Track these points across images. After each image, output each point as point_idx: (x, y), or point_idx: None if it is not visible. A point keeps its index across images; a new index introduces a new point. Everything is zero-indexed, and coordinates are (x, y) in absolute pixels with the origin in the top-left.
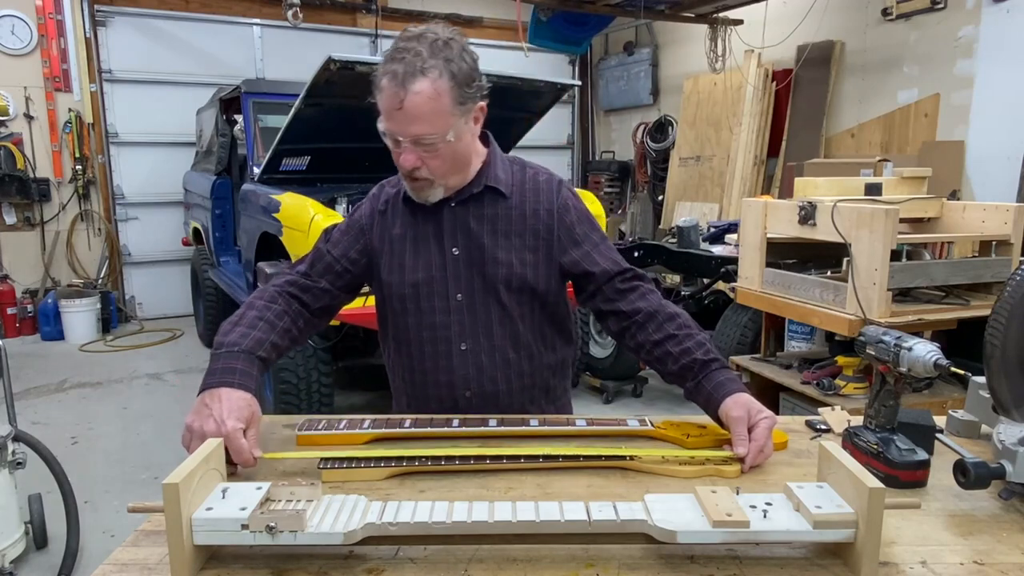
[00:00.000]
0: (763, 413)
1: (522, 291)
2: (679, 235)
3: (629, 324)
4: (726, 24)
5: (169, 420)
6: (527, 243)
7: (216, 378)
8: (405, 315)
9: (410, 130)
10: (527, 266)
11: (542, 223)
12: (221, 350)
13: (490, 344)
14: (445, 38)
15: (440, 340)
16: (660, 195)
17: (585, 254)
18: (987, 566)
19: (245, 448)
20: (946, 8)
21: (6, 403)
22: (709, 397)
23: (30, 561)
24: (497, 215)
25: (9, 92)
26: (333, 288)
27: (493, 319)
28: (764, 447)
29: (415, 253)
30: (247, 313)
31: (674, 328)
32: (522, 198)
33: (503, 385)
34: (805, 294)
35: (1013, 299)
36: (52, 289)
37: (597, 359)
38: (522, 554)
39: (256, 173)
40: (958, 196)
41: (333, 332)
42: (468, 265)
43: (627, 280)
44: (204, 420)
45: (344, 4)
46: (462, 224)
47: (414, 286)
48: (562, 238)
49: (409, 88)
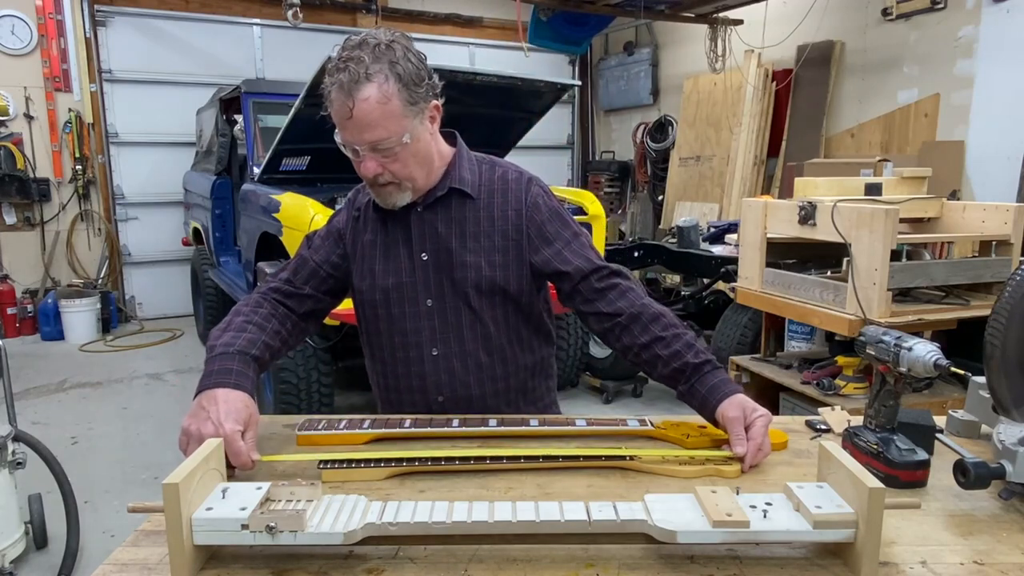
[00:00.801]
0: (758, 411)
1: (493, 294)
2: (679, 235)
3: (612, 325)
4: (726, 24)
5: (169, 420)
6: (496, 244)
7: (212, 379)
8: (377, 321)
9: (364, 137)
10: (496, 268)
11: (511, 223)
12: (215, 352)
13: (461, 349)
14: (386, 41)
15: (411, 345)
16: (660, 195)
17: (556, 252)
18: (987, 566)
19: (243, 451)
20: (946, 8)
21: (6, 403)
22: (704, 400)
23: (30, 561)
24: (465, 217)
25: (9, 92)
26: (317, 293)
27: (464, 323)
28: (762, 445)
29: (385, 259)
30: (234, 320)
31: (660, 329)
32: (490, 199)
33: (476, 389)
34: (805, 294)
35: (1013, 299)
36: (52, 289)
37: (597, 359)
38: (522, 554)
39: (256, 173)
40: (958, 196)
41: (333, 332)
42: (437, 270)
43: (604, 278)
44: (202, 423)
45: (344, 4)
46: (430, 229)
47: (384, 291)
48: (532, 237)
49: (356, 96)
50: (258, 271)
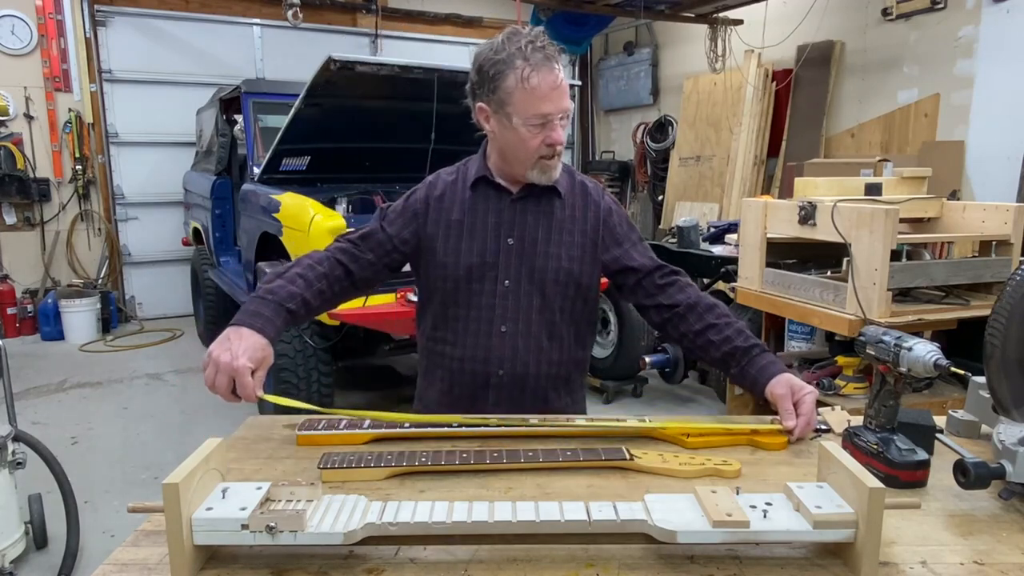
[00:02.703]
0: (805, 389)
1: (567, 284)
2: (679, 235)
3: (671, 316)
4: (726, 24)
5: (169, 420)
6: (575, 240)
7: (244, 317)
8: (456, 293)
9: (564, 105)
10: (574, 261)
11: (589, 223)
12: (258, 294)
13: (528, 330)
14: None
15: (483, 320)
16: (660, 195)
17: (625, 252)
18: (987, 566)
19: (250, 385)
20: (946, 8)
21: (6, 403)
22: (754, 380)
23: (30, 561)
24: (553, 212)
25: (9, 92)
26: (379, 263)
27: (533, 307)
28: (810, 420)
29: (471, 238)
30: (292, 268)
31: (713, 318)
32: (573, 199)
33: (533, 369)
34: (805, 294)
35: (1013, 299)
36: (52, 289)
37: (597, 359)
38: (522, 554)
39: (256, 173)
40: (958, 196)
41: (333, 332)
42: (520, 255)
43: (666, 275)
44: (222, 351)
45: (344, 4)
46: (520, 217)
47: (468, 268)
48: (606, 238)
49: (557, 68)
50: (258, 271)
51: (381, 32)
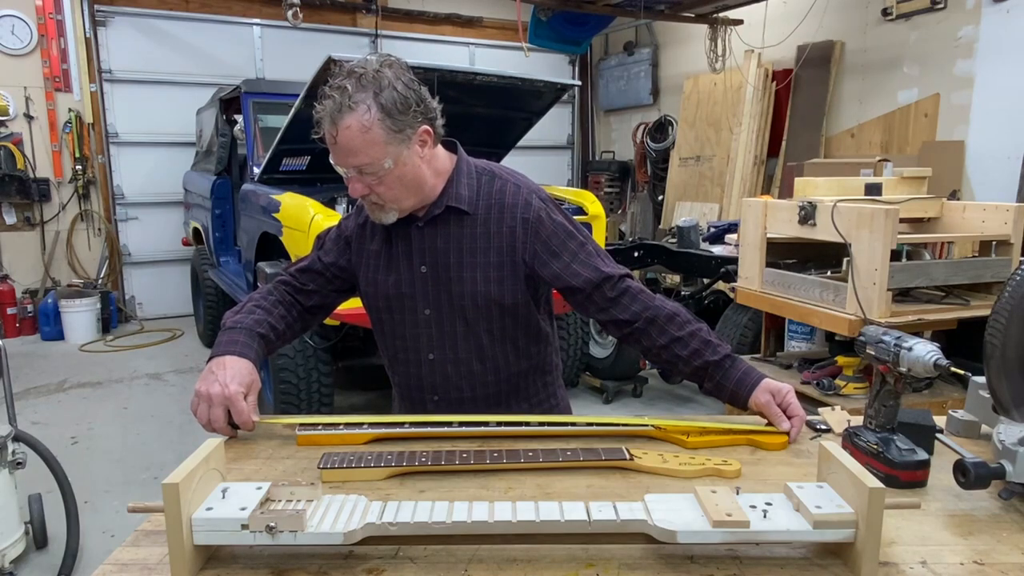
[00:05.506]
0: (783, 389)
1: (488, 307)
2: (679, 235)
3: (631, 331)
4: (726, 24)
5: (169, 420)
6: (491, 260)
7: (221, 348)
8: (381, 324)
9: (348, 161)
10: (491, 283)
11: (505, 240)
12: (225, 327)
13: (455, 356)
14: (373, 70)
15: (410, 350)
16: (660, 195)
17: (565, 266)
18: (987, 566)
19: (245, 411)
20: (946, 8)
21: (6, 403)
22: (734, 394)
23: (30, 561)
24: (463, 233)
25: (9, 92)
26: (323, 290)
27: (458, 334)
28: (802, 417)
29: (388, 269)
30: (246, 304)
31: (676, 329)
32: (488, 214)
33: (468, 392)
34: (805, 294)
35: (1013, 299)
36: (52, 289)
37: (597, 359)
38: (522, 554)
39: (256, 173)
40: (958, 196)
41: (333, 332)
42: (435, 282)
43: (614, 286)
44: (210, 384)
45: (344, 4)
46: (430, 243)
47: (387, 299)
48: (539, 252)
49: (339, 124)
50: (258, 271)
51: (381, 32)
